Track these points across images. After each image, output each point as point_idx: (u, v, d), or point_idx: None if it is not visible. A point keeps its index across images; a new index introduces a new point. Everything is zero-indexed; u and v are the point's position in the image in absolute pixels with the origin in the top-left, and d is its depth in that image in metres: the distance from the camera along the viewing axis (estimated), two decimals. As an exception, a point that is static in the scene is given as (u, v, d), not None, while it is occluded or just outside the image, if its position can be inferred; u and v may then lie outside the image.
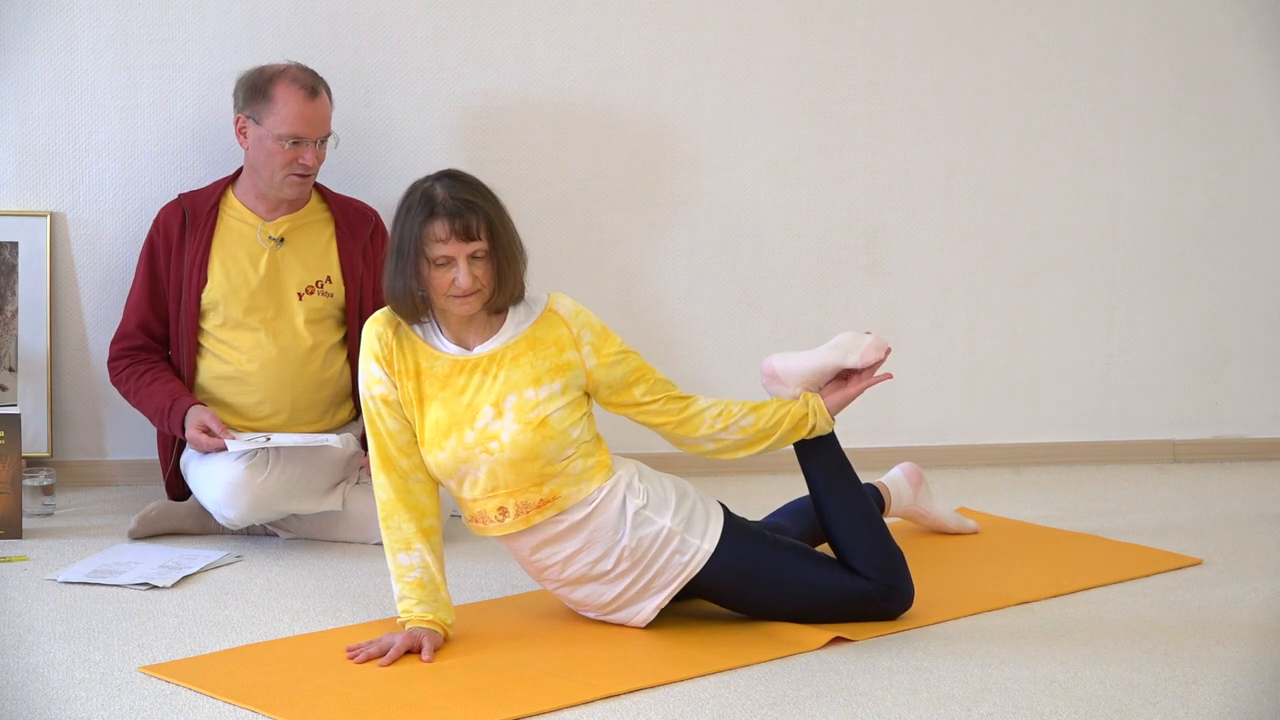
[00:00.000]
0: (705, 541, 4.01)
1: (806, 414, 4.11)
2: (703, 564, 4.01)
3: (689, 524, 4.01)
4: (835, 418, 4.17)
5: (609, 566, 4.00)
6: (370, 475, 4.80)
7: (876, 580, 4.09)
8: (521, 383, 3.94)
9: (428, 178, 3.98)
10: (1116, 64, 5.78)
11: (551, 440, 3.93)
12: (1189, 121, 5.83)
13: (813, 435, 4.13)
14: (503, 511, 3.97)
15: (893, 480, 4.81)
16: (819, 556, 4.12)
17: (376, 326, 4.02)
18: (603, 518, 3.98)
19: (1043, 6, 5.72)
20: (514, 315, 4.02)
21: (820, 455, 4.17)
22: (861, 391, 4.18)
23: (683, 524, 4.01)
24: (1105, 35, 5.76)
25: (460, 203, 3.91)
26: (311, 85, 4.88)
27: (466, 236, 3.90)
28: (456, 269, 3.90)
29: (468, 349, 3.99)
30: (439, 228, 3.90)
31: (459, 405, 3.96)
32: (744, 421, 4.07)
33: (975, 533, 4.91)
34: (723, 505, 4.10)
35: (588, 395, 4.04)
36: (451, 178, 3.97)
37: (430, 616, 3.94)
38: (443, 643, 3.94)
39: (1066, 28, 5.74)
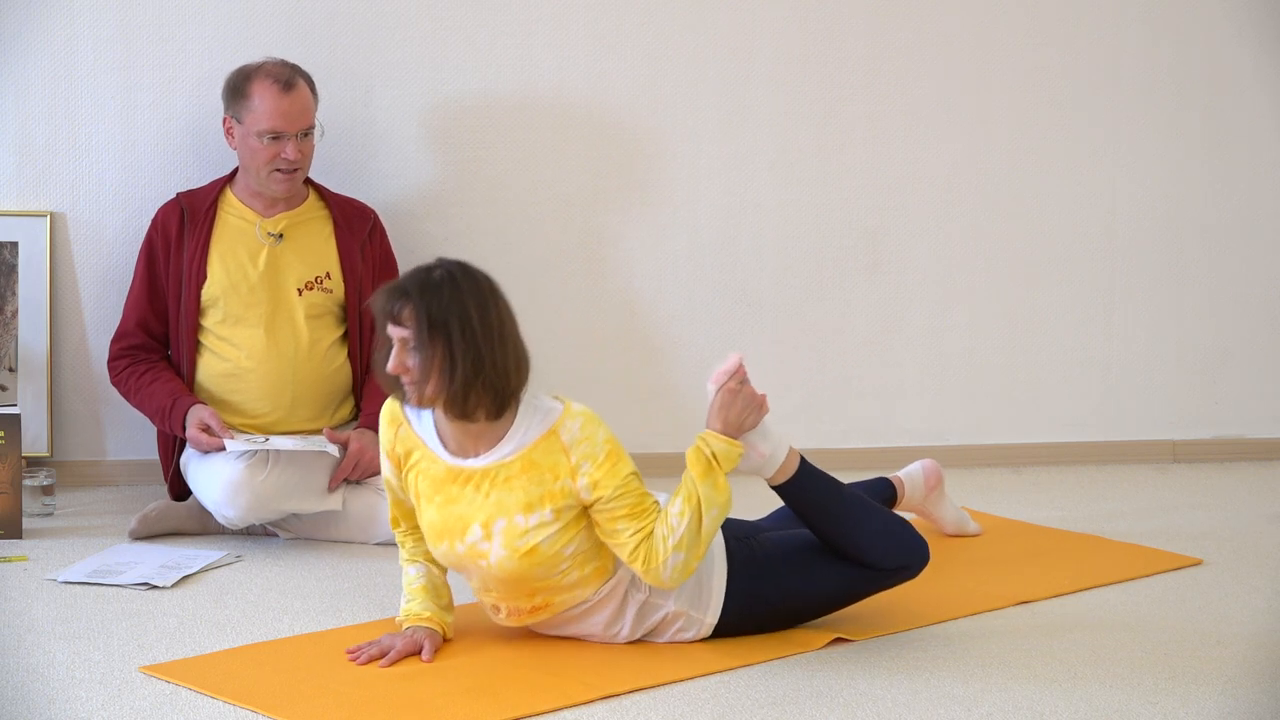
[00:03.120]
0: (709, 614, 3.96)
1: (697, 451, 3.88)
2: (707, 635, 3.99)
3: (694, 600, 3.96)
4: (759, 434, 3.98)
5: (608, 641, 3.98)
6: (353, 479, 4.83)
7: (891, 566, 4.05)
8: (512, 507, 3.80)
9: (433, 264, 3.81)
10: (1116, 64, 5.78)
11: (540, 565, 3.82)
12: (1189, 121, 5.83)
13: (727, 466, 3.87)
14: (496, 609, 3.95)
15: (910, 476, 4.77)
16: (825, 561, 4.05)
17: (386, 416, 3.92)
18: (600, 614, 3.93)
19: (1043, 7, 5.72)
20: (519, 426, 3.81)
21: (802, 500, 4.03)
22: (722, 390, 3.94)
23: (688, 603, 3.95)
24: (1105, 35, 5.76)
25: (394, 288, 3.74)
26: (286, 79, 4.88)
27: (390, 318, 3.74)
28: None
29: (464, 455, 3.85)
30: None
31: (451, 515, 3.85)
32: (674, 510, 3.82)
33: (977, 534, 4.90)
34: (724, 536, 4.02)
35: (585, 515, 3.85)
36: (431, 269, 3.77)
37: (428, 614, 3.93)
38: (442, 643, 3.94)
39: (1066, 28, 5.74)
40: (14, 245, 5.23)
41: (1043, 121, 5.76)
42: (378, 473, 4.81)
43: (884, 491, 4.71)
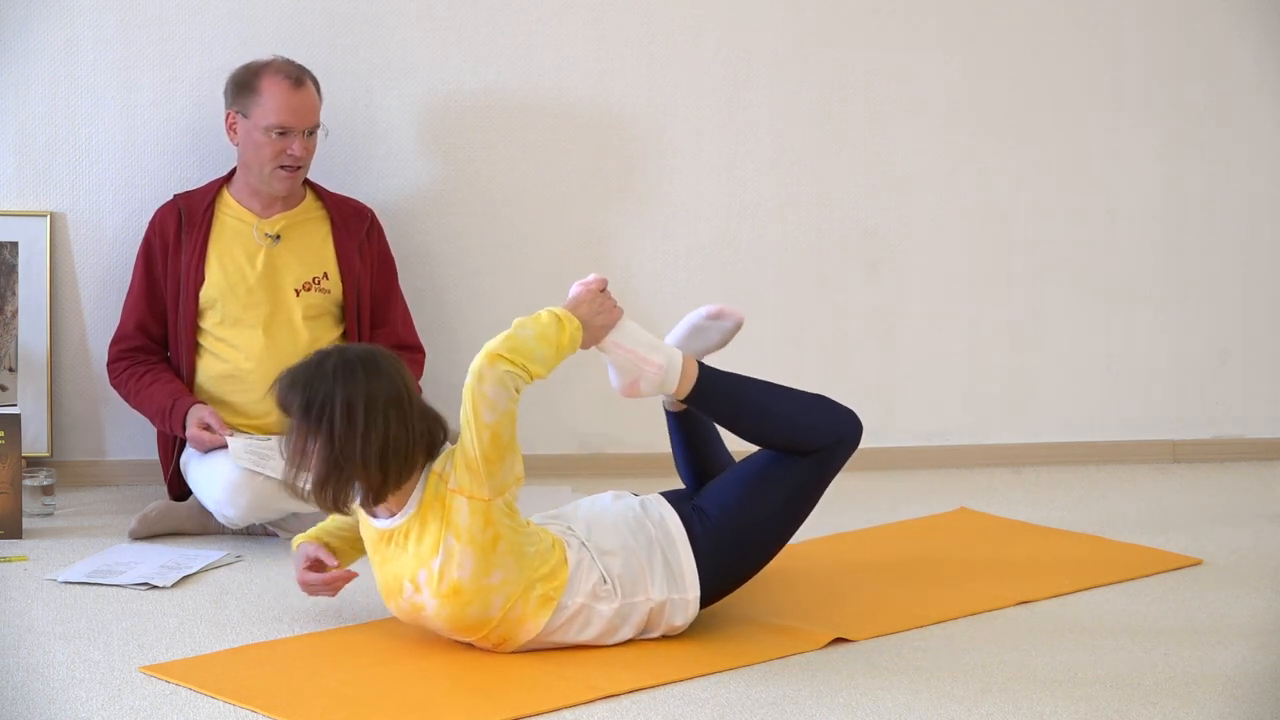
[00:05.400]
0: (690, 591, 3.97)
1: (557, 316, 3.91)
2: (697, 611, 3.99)
3: (669, 581, 3.95)
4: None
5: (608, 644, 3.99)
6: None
7: (829, 443, 4.06)
8: (426, 555, 3.81)
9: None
10: (1116, 64, 5.78)
11: (470, 604, 3.81)
12: (1189, 121, 5.83)
13: (569, 324, 3.89)
14: (468, 645, 3.96)
15: (689, 347, 4.31)
16: (767, 477, 4.04)
17: None
18: (577, 630, 3.91)
19: (1042, 7, 5.71)
20: (422, 479, 3.84)
21: (716, 405, 4.07)
22: (580, 288, 4.03)
23: (663, 587, 3.94)
24: (1105, 35, 5.76)
25: (282, 381, 3.80)
26: (296, 76, 4.89)
27: (282, 409, 3.80)
28: None
29: (387, 517, 3.87)
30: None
31: (388, 575, 3.89)
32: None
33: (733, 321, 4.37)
34: (675, 510, 4.03)
35: (490, 522, 3.78)
36: (323, 357, 3.81)
37: (314, 533, 4.04)
38: (327, 551, 4.01)
39: (1066, 28, 5.73)
40: (14, 245, 5.23)
41: (1043, 121, 5.76)
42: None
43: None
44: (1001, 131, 5.74)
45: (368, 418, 3.73)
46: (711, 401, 4.08)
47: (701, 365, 4.07)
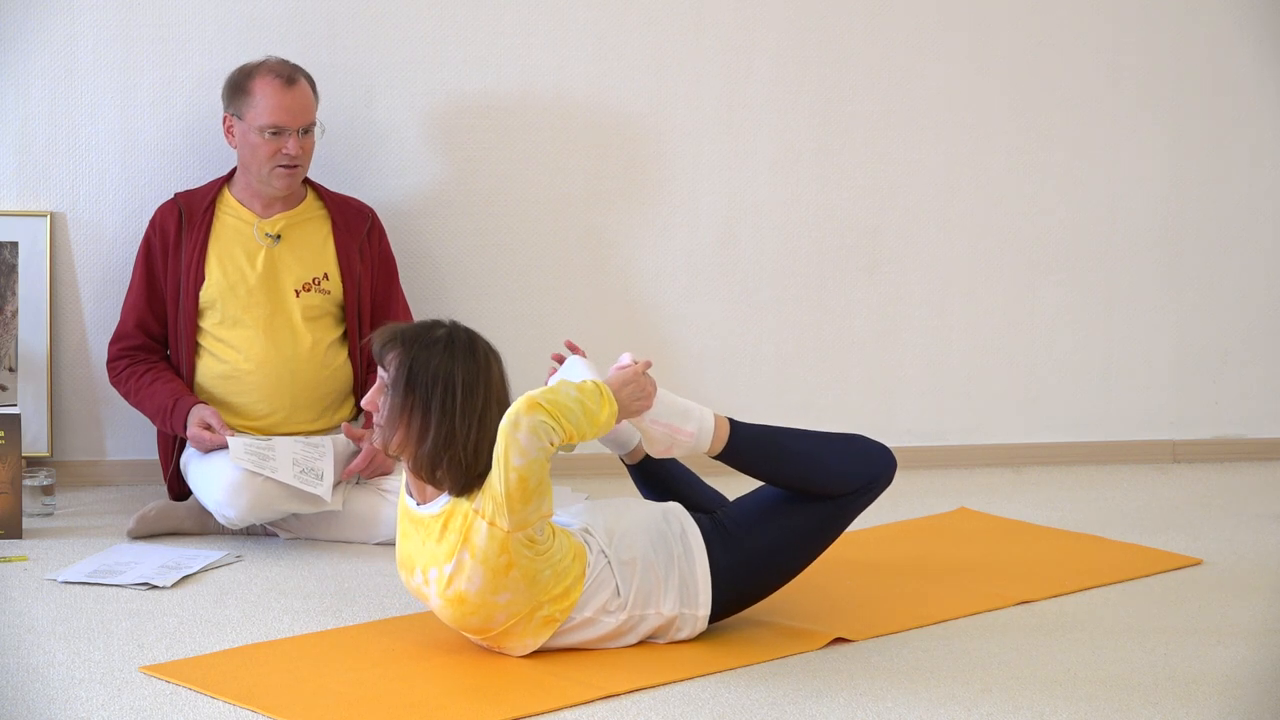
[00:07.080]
0: (701, 609, 3.97)
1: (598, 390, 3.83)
2: (704, 627, 3.99)
3: (682, 597, 3.95)
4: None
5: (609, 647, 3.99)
6: (366, 477, 4.84)
7: (859, 486, 4.04)
8: (440, 558, 3.81)
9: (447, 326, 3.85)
10: (1116, 64, 5.78)
11: (473, 615, 3.82)
12: (1189, 122, 5.83)
13: (608, 406, 3.81)
14: (468, 644, 3.96)
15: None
16: (795, 505, 4.03)
17: None
18: (576, 634, 3.90)
19: (1043, 7, 5.71)
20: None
21: (748, 461, 4.03)
22: (627, 369, 3.92)
23: (676, 603, 3.94)
24: (1105, 36, 5.76)
25: (391, 331, 3.82)
26: (288, 75, 4.89)
27: (378, 359, 3.82)
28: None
29: (417, 500, 3.87)
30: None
31: (404, 550, 3.91)
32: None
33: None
34: (697, 520, 4.02)
35: (505, 550, 3.75)
36: (435, 326, 3.83)
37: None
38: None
39: (1066, 28, 5.74)
40: (14, 245, 5.23)
41: (1043, 121, 5.76)
42: (388, 472, 4.82)
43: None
44: (1001, 131, 5.74)
45: (487, 404, 3.78)
46: (744, 458, 4.05)
47: (733, 424, 4.03)
